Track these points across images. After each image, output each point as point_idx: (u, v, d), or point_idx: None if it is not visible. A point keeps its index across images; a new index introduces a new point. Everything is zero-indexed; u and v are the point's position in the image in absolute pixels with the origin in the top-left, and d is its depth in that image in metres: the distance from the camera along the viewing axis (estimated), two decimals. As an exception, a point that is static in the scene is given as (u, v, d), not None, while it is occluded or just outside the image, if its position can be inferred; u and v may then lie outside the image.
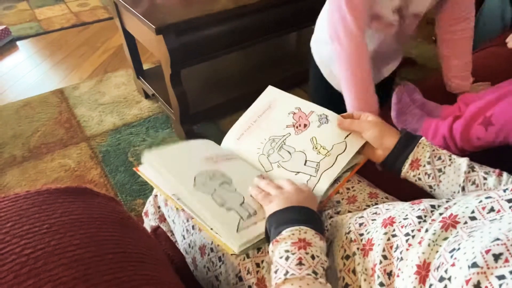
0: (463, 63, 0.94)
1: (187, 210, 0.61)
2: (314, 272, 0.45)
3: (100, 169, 1.55)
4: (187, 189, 0.62)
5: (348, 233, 0.51)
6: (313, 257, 0.46)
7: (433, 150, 0.60)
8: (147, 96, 1.94)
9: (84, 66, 2.28)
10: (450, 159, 0.59)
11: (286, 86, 1.91)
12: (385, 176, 0.69)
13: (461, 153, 0.77)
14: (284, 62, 1.99)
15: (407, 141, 0.61)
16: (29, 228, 0.39)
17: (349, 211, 0.63)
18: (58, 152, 1.63)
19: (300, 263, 0.45)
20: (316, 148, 0.70)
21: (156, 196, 0.85)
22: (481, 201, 0.39)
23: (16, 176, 1.52)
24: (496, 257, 0.32)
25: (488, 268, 0.32)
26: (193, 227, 0.69)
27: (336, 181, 0.67)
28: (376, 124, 0.64)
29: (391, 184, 0.68)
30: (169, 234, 0.83)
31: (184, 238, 0.72)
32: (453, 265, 0.35)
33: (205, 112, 1.67)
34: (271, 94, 0.82)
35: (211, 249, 0.64)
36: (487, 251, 0.33)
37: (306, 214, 0.53)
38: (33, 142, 1.69)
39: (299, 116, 0.76)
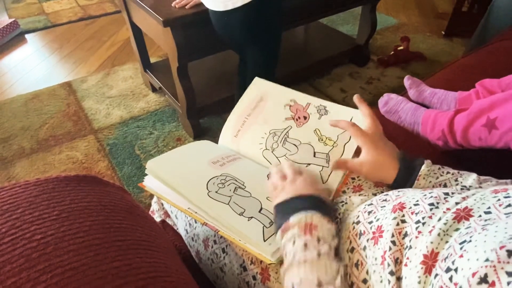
0: None
1: (210, 223, 0.58)
2: (318, 254, 0.46)
3: (107, 161, 1.56)
4: (202, 201, 0.59)
5: (357, 223, 0.50)
6: (318, 239, 0.48)
7: (437, 178, 0.55)
8: (154, 89, 1.94)
9: (91, 60, 2.29)
10: (457, 183, 0.54)
11: (293, 80, 1.92)
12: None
13: (460, 147, 0.76)
14: (291, 56, 1.98)
15: (407, 174, 0.57)
16: (39, 215, 0.40)
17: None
18: (66, 145, 1.65)
19: (305, 247, 0.47)
20: (322, 140, 0.70)
21: None
22: (499, 199, 0.38)
23: (25, 167, 1.54)
24: (510, 253, 0.30)
25: (499, 262, 0.30)
26: (195, 221, 0.68)
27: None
28: (368, 163, 0.59)
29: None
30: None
31: (187, 232, 0.72)
32: (461, 256, 0.34)
33: (212, 105, 1.67)
34: (261, 86, 0.79)
35: (214, 241, 0.64)
36: (502, 247, 0.31)
37: (312, 201, 0.54)
38: (41, 135, 1.71)
39: (296, 108, 0.74)
